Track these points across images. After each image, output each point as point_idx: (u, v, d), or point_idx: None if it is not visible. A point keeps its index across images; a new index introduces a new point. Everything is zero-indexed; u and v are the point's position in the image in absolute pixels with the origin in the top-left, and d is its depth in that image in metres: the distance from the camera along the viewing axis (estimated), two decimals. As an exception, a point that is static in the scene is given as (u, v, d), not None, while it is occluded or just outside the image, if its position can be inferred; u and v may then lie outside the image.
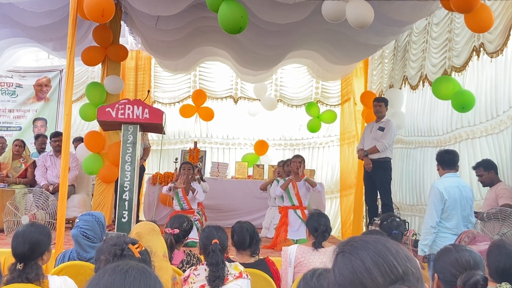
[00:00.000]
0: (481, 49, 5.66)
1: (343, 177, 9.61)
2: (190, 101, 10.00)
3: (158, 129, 5.31)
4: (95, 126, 7.46)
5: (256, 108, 10.29)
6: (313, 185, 6.54)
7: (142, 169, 7.76)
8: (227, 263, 3.02)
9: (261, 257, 3.61)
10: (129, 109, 4.97)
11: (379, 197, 7.06)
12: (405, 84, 7.72)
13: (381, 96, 8.09)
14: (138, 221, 5.47)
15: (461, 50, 6.06)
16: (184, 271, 3.26)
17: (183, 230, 3.74)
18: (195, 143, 9.43)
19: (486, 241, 3.12)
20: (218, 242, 3.03)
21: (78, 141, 7.78)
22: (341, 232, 9.27)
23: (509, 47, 5.24)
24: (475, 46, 5.78)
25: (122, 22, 7.09)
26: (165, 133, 5.92)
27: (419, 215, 7.05)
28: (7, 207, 5.39)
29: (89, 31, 6.94)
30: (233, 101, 10.52)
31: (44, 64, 9.89)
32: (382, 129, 6.95)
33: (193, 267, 3.08)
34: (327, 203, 9.41)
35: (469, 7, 4.62)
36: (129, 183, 4.93)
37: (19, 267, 2.61)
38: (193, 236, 5.63)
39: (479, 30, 5.03)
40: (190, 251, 3.78)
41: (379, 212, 6.91)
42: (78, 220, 3.37)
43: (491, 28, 4.98)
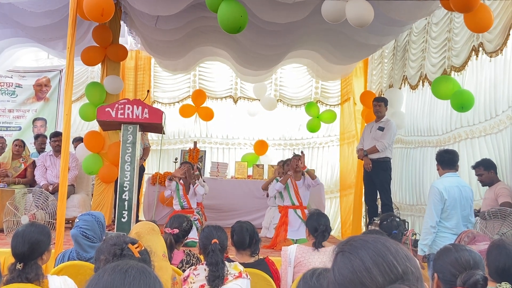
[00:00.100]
0: (480, 48, 5.66)
1: (342, 177, 9.61)
2: (189, 101, 10.00)
3: (157, 129, 5.31)
4: (94, 126, 7.47)
5: (255, 108, 10.29)
6: (313, 177, 6.52)
7: (141, 169, 7.76)
8: (226, 263, 3.02)
9: (261, 257, 3.60)
10: (129, 109, 4.97)
11: (378, 197, 7.06)
12: (404, 84, 7.71)
13: (381, 96, 8.09)
14: (137, 221, 5.47)
15: (460, 49, 6.05)
16: (183, 271, 3.26)
17: (183, 230, 3.74)
18: (195, 143, 9.43)
19: (485, 241, 3.12)
20: (217, 242, 3.03)
21: (77, 141, 7.77)
22: (341, 232, 9.27)
23: (509, 46, 5.24)
24: (474, 45, 5.77)
25: (121, 22, 7.09)
26: (164, 133, 5.92)
27: (419, 215, 7.05)
28: (7, 207, 5.39)
29: (89, 31, 6.94)
30: (232, 101, 10.52)
31: (43, 64, 9.89)
32: (381, 129, 6.95)
33: (193, 267, 3.08)
34: (327, 203, 9.41)
35: (469, 6, 4.62)
36: (128, 183, 4.93)
37: (19, 267, 2.61)
38: (193, 236, 5.63)
39: (479, 30, 5.02)
40: (189, 251, 3.78)
41: (378, 212, 6.90)
42: (77, 220, 3.36)
43: (491, 27, 4.98)
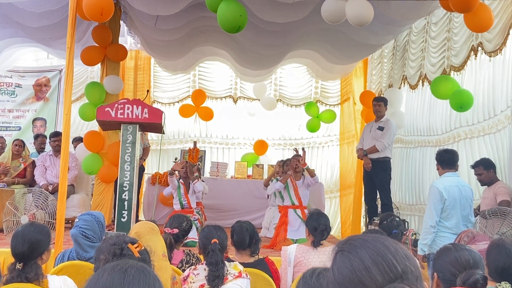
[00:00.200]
0: (480, 48, 5.66)
1: (342, 177, 9.61)
2: (189, 101, 10.00)
3: (157, 129, 5.31)
4: (94, 126, 7.46)
5: (255, 108, 10.29)
6: (312, 175, 6.50)
7: (141, 169, 7.76)
8: (226, 262, 3.02)
9: (261, 257, 3.61)
10: (129, 108, 4.97)
11: (378, 196, 7.06)
12: (404, 83, 7.71)
13: (381, 95, 8.09)
14: (137, 221, 5.47)
15: (460, 49, 6.05)
16: (183, 270, 3.26)
17: (183, 230, 3.74)
18: (195, 143, 9.43)
19: (485, 241, 3.12)
20: (217, 241, 3.03)
21: (77, 141, 7.77)
22: (340, 231, 9.27)
23: (508, 46, 5.24)
24: (473, 45, 5.77)
25: (121, 21, 7.09)
26: (164, 133, 5.92)
27: (419, 214, 7.05)
28: (7, 207, 5.38)
29: (89, 31, 6.93)
30: (232, 101, 10.52)
31: (43, 64, 9.89)
32: (381, 128, 6.95)
33: (193, 267, 3.08)
34: (327, 203, 9.41)
35: (468, 6, 4.61)
36: (128, 182, 4.94)
37: (19, 267, 2.61)
38: (193, 235, 5.63)
39: (479, 29, 5.02)
40: (189, 250, 3.78)
41: (378, 211, 6.90)
42: (77, 219, 3.36)
43: (491, 27, 4.98)
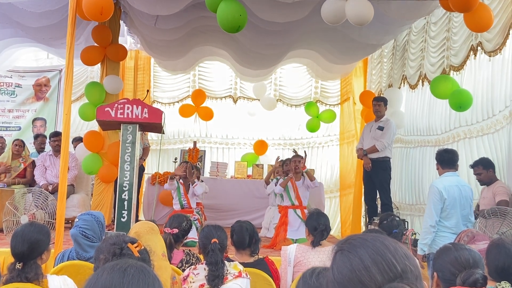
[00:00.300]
0: (479, 48, 5.65)
1: (342, 177, 9.60)
2: (189, 101, 10.00)
3: (157, 128, 5.31)
4: (94, 125, 7.46)
5: (255, 108, 10.28)
6: (312, 178, 6.47)
7: (141, 169, 7.76)
8: (226, 262, 3.02)
9: (261, 257, 3.61)
10: (128, 108, 4.97)
11: (378, 196, 7.06)
12: (404, 83, 7.71)
13: (380, 95, 8.09)
14: (137, 221, 5.47)
15: (459, 49, 6.05)
16: (183, 270, 3.26)
17: (182, 229, 3.73)
18: (195, 143, 9.43)
19: (485, 240, 3.12)
20: (217, 241, 3.03)
21: (77, 141, 7.77)
22: (340, 231, 9.27)
23: (508, 46, 5.23)
24: (472, 45, 5.77)
25: (121, 21, 7.09)
26: (164, 133, 5.92)
27: (419, 214, 7.05)
28: (6, 206, 5.38)
29: (88, 31, 6.93)
30: (232, 101, 10.51)
31: (43, 64, 9.89)
32: (381, 128, 6.94)
33: (193, 267, 3.08)
34: (327, 203, 9.41)
35: (468, 6, 4.61)
36: (128, 182, 4.94)
37: (18, 267, 2.60)
38: (193, 235, 5.62)
39: (479, 29, 5.01)
40: (189, 250, 3.78)
41: (378, 211, 6.90)
42: (77, 219, 3.36)
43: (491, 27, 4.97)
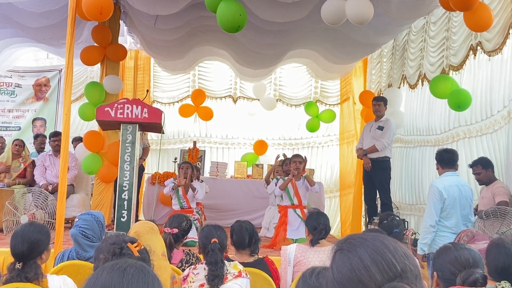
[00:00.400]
0: (479, 47, 5.65)
1: (342, 177, 9.60)
2: (189, 101, 10.00)
3: (157, 128, 5.31)
4: (94, 125, 7.46)
5: (255, 107, 10.28)
6: (311, 183, 6.41)
7: (141, 169, 7.76)
8: (226, 262, 3.02)
9: (261, 256, 3.60)
10: (128, 108, 4.98)
11: (378, 196, 7.06)
12: (403, 83, 7.71)
13: (380, 95, 8.09)
14: (137, 221, 5.47)
15: (458, 48, 6.05)
16: (183, 270, 3.26)
17: (182, 229, 3.73)
18: (194, 143, 9.43)
19: (485, 240, 3.12)
20: (217, 241, 3.03)
21: (77, 140, 7.77)
22: (340, 231, 9.27)
23: (508, 45, 5.23)
24: (472, 45, 5.77)
25: (121, 21, 7.09)
26: (164, 133, 5.93)
27: (419, 214, 7.05)
28: (6, 206, 5.38)
29: (88, 31, 6.93)
30: (232, 101, 10.51)
31: (43, 64, 9.89)
32: (381, 128, 6.94)
33: (192, 266, 3.08)
34: (327, 202, 9.40)
35: (468, 5, 4.61)
36: (128, 182, 4.94)
37: (18, 267, 2.60)
38: (192, 235, 5.62)
39: (479, 29, 5.01)
40: (189, 250, 3.78)
41: (378, 211, 6.90)
42: (77, 219, 3.36)
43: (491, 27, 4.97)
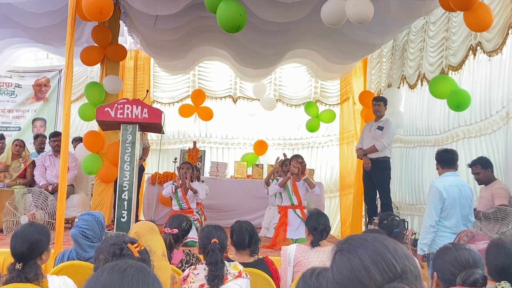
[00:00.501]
0: (478, 48, 5.64)
1: (342, 177, 9.60)
2: (189, 101, 10.00)
3: (157, 128, 5.31)
4: (94, 126, 7.46)
5: (255, 108, 10.28)
6: (312, 186, 6.34)
7: (141, 169, 7.76)
8: (226, 262, 3.02)
9: (261, 257, 3.61)
10: (128, 108, 4.98)
11: (378, 196, 7.06)
12: (403, 83, 7.71)
13: (380, 95, 8.08)
14: (137, 221, 5.47)
15: (458, 49, 6.05)
16: (183, 270, 3.26)
17: (182, 230, 3.73)
18: (194, 143, 9.44)
19: (485, 240, 3.12)
20: (217, 241, 3.03)
21: (77, 141, 7.77)
22: (340, 231, 9.27)
23: (508, 45, 5.23)
24: (471, 45, 5.76)
25: (121, 21, 7.09)
26: (164, 133, 5.93)
27: (418, 214, 7.04)
28: (6, 207, 5.38)
29: (89, 32, 6.93)
30: (232, 101, 10.51)
31: (43, 64, 9.89)
32: (381, 128, 6.94)
33: (192, 267, 3.08)
34: (327, 203, 9.41)
35: (468, 4, 4.60)
36: (128, 182, 4.94)
37: (18, 267, 2.60)
38: (192, 235, 5.62)
39: (479, 29, 5.01)
40: (189, 250, 3.78)
41: (378, 211, 6.90)
42: (77, 219, 3.36)
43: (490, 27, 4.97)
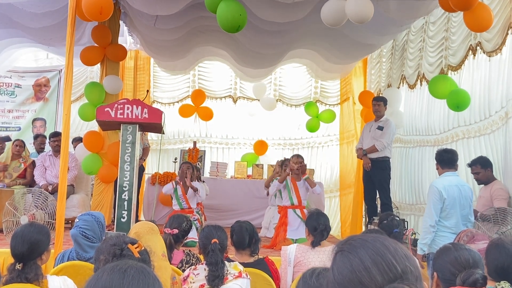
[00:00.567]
0: (478, 48, 5.64)
1: (342, 177, 9.60)
2: (189, 101, 10.00)
3: (157, 129, 5.31)
4: (94, 126, 7.46)
5: (255, 108, 10.29)
6: (312, 185, 6.40)
7: (141, 169, 7.76)
8: (226, 262, 3.02)
9: (261, 257, 3.61)
10: (128, 109, 4.98)
11: (378, 196, 7.06)
12: (403, 83, 7.71)
13: (380, 95, 8.08)
14: (137, 221, 5.47)
15: (457, 49, 6.05)
16: (183, 270, 3.26)
17: (182, 230, 3.74)
18: (195, 143, 9.44)
19: (484, 240, 3.12)
20: (217, 241, 3.03)
21: (77, 141, 7.77)
22: (340, 231, 9.27)
23: (507, 46, 5.23)
24: (471, 45, 5.76)
25: (120, 21, 7.09)
26: (164, 133, 5.93)
27: (418, 214, 7.04)
28: (6, 207, 5.38)
29: (89, 32, 6.93)
30: (232, 101, 10.51)
31: (43, 64, 9.88)
32: (381, 128, 6.95)
33: (193, 267, 3.08)
34: (327, 202, 9.41)
35: (468, 4, 4.60)
36: (128, 183, 4.94)
37: (18, 267, 2.60)
38: (193, 235, 5.63)
39: (479, 29, 5.01)
40: (189, 250, 3.78)
41: (378, 211, 6.90)
42: (77, 220, 3.36)
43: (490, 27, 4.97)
